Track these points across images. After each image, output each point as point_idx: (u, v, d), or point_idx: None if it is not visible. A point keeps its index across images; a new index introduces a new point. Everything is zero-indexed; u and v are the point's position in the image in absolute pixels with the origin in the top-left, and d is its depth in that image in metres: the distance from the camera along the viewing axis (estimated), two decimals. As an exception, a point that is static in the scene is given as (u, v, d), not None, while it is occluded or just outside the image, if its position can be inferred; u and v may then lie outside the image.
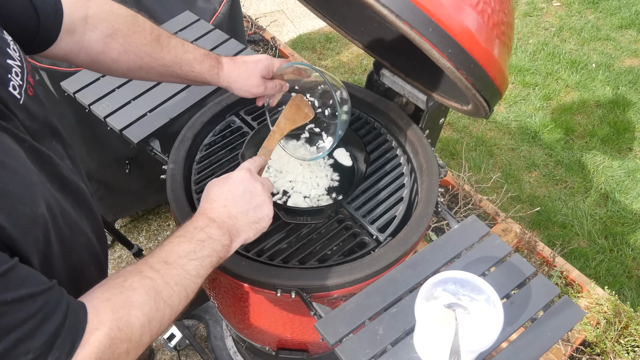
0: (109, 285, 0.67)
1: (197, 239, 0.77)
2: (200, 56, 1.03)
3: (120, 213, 2.36)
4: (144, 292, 0.67)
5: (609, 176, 2.78)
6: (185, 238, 0.77)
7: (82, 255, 0.83)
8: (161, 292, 0.69)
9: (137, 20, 0.98)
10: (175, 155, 1.20)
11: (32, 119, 0.75)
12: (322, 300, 1.03)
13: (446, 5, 0.82)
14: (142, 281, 0.68)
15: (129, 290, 0.66)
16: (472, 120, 3.03)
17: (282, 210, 1.10)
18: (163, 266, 0.72)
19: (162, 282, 0.70)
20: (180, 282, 0.72)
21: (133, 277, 0.68)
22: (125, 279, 0.68)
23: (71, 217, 0.79)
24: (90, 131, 1.86)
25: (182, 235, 0.77)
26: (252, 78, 1.07)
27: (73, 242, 0.79)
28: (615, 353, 1.86)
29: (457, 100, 1.11)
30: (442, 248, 1.01)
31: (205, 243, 0.77)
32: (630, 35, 3.65)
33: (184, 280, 0.73)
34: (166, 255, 0.74)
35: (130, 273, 0.69)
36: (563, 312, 0.94)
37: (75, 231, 0.80)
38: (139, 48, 0.97)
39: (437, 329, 0.81)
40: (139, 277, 0.68)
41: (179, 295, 0.71)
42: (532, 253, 2.14)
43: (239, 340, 1.72)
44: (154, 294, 0.68)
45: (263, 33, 3.11)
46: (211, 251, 0.78)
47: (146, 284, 0.68)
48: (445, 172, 1.24)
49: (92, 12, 0.91)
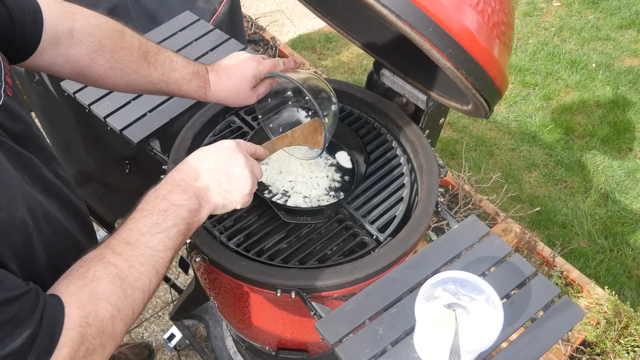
0: (73, 276, 0.64)
1: (159, 209, 0.73)
2: (188, 75, 1.01)
3: (120, 213, 2.36)
4: (109, 282, 0.64)
5: (609, 176, 2.78)
6: (147, 211, 0.73)
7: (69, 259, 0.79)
8: (127, 277, 0.66)
9: (124, 35, 0.95)
10: (175, 155, 1.20)
11: (14, 120, 0.73)
12: (322, 300, 1.03)
13: (446, 5, 0.82)
14: (106, 269, 0.65)
15: (93, 281, 0.63)
16: (472, 120, 3.03)
17: (282, 210, 1.10)
18: (125, 248, 0.68)
19: (127, 266, 0.66)
20: (147, 262, 0.69)
21: (96, 266, 0.65)
22: (88, 268, 0.65)
23: (56, 220, 0.77)
24: (90, 131, 1.86)
25: (143, 209, 0.73)
26: (242, 94, 1.06)
27: (59, 246, 0.77)
28: (615, 353, 1.86)
29: (457, 100, 1.11)
30: (442, 248, 1.01)
31: (169, 212, 0.73)
32: (630, 35, 3.65)
33: (151, 259, 0.69)
34: (128, 234, 0.70)
35: (92, 261, 0.66)
36: (563, 312, 0.94)
37: (60, 234, 0.78)
38: (126, 65, 0.95)
39: (437, 329, 0.81)
40: (102, 265, 0.65)
41: (148, 275, 0.68)
42: (532, 253, 2.14)
43: (239, 340, 1.72)
44: (119, 281, 0.65)
45: (263, 33, 3.11)
46: (177, 219, 0.73)
47: (110, 272, 0.65)
48: (445, 172, 1.24)
49: (78, 25, 0.89)
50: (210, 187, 0.80)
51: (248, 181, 0.84)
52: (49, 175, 0.78)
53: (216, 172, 0.81)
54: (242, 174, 0.83)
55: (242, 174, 0.83)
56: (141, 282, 0.67)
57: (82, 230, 0.86)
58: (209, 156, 0.82)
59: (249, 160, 0.86)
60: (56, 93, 1.74)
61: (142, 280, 0.68)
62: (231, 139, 0.87)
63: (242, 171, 0.83)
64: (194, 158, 0.82)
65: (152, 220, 0.72)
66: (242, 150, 0.86)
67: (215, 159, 0.82)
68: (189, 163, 0.81)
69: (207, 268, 1.14)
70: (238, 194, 0.83)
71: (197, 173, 0.79)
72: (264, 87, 1.10)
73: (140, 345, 2.07)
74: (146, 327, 2.19)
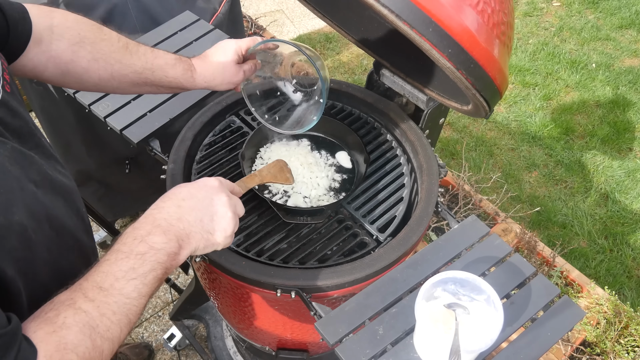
0: (42, 320, 0.61)
1: (137, 252, 0.69)
2: (172, 60, 1.01)
3: (120, 213, 2.36)
4: (78, 330, 0.60)
5: (609, 176, 2.78)
6: (123, 253, 0.68)
7: (71, 259, 0.80)
8: (97, 326, 0.62)
9: (103, 29, 0.95)
10: (175, 155, 1.20)
11: (13, 116, 0.73)
12: (322, 300, 1.03)
13: (446, 5, 0.82)
14: (76, 316, 0.61)
15: (62, 328, 0.60)
16: (472, 120, 3.03)
17: (282, 210, 1.10)
18: (98, 294, 0.64)
19: (98, 315, 0.63)
20: (119, 310, 0.65)
21: (66, 311, 0.61)
22: (58, 312, 0.61)
23: (58, 220, 0.75)
24: (90, 131, 1.86)
25: (119, 250, 0.69)
26: (228, 70, 1.05)
27: (61, 246, 0.76)
28: (615, 353, 1.86)
29: (457, 100, 1.11)
30: (442, 248, 1.01)
31: (146, 256, 0.69)
32: (630, 35, 3.65)
33: (124, 307, 0.65)
34: (102, 278, 0.66)
35: (63, 305, 0.62)
36: (563, 312, 0.94)
37: (63, 234, 0.77)
38: (108, 55, 0.94)
39: (437, 329, 0.81)
40: (72, 311, 0.62)
41: (120, 325, 0.65)
42: (532, 253, 2.14)
43: (239, 340, 1.72)
44: (89, 331, 0.61)
45: (263, 33, 3.11)
46: (154, 264, 0.69)
47: (80, 320, 0.61)
48: (445, 172, 1.24)
49: (57, 21, 0.89)
50: (193, 228, 0.76)
51: (231, 222, 0.81)
52: (51, 172, 0.77)
53: (199, 211, 0.77)
54: (225, 214, 0.80)
55: (226, 214, 0.80)
56: (112, 332, 0.64)
57: (83, 229, 0.86)
58: (191, 194, 0.78)
59: (231, 199, 0.83)
60: (56, 93, 1.74)
61: (112, 330, 0.64)
62: (214, 177, 0.84)
63: (226, 211, 0.80)
64: (175, 195, 0.78)
65: (128, 264, 0.67)
66: (225, 189, 0.83)
67: (198, 198, 0.78)
68: (171, 201, 0.77)
69: (207, 268, 1.14)
70: (220, 235, 0.79)
71: (179, 212, 0.75)
72: (248, 65, 1.09)
73: (140, 345, 2.07)
74: (146, 327, 2.19)
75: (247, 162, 1.21)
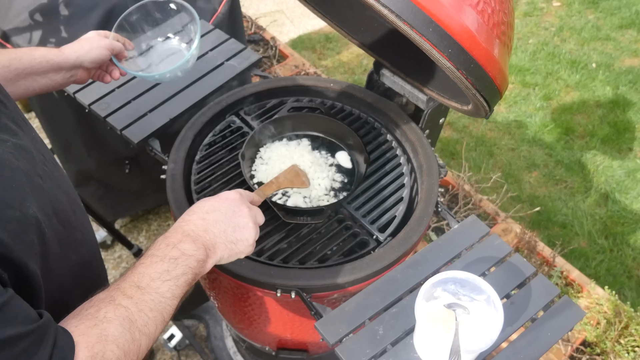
0: (83, 316, 0.64)
1: (170, 256, 0.74)
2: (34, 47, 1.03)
3: (120, 213, 2.36)
4: (119, 324, 0.64)
5: (609, 176, 2.78)
6: (158, 257, 0.73)
7: (80, 252, 0.82)
8: (136, 321, 0.66)
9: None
10: (175, 155, 1.20)
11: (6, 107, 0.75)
12: (322, 300, 1.03)
13: (446, 5, 0.82)
14: (116, 311, 0.65)
15: (103, 322, 0.63)
16: (472, 120, 3.03)
17: (282, 210, 1.10)
18: (136, 292, 0.69)
19: (137, 310, 0.67)
20: (156, 307, 0.69)
21: (107, 307, 0.65)
22: (99, 308, 0.65)
23: (63, 214, 0.78)
24: (90, 131, 1.86)
25: (153, 255, 0.74)
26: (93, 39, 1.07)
27: (69, 240, 0.78)
28: (616, 353, 1.86)
29: (457, 100, 1.11)
30: (442, 248, 1.01)
31: (179, 260, 0.74)
32: (630, 35, 3.65)
33: (159, 305, 0.70)
34: (139, 278, 0.70)
35: (103, 301, 0.66)
36: (563, 312, 0.94)
37: (69, 228, 0.79)
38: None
39: (437, 329, 0.81)
40: (113, 307, 0.66)
41: (155, 322, 0.69)
42: (532, 253, 2.14)
43: (239, 340, 1.72)
44: (128, 324, 0.65)
45: (263, 33, 3.11)
46: (186, 268, 0.74)
47: (120, 314, 0.65)
48: (445, 172, 1.24)
49: None
50: (218, 239, 0.81)
51: (252, 232, 0.86)
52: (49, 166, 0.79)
53: (223, 223, 0.82)
54: (246, 225, 0.85)
55: (247, 224, 0.85)
56: (149, 327, 0.68)
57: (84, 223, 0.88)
58: (215, 207, 0.83)
59: (252, 210, 0.88)
60: (56, 93, 1.74)
61: (149, 326, 0.68)
62: (234, 190, 0.89)
63: (247, 222, 0.85)
64: (200, 209, 0.83)
65: (163, 267, 0.72)
66: (245, 201, 0.88)
67: (221, 211, 0.83)
68: (196, 214, 0.82)
69: (207, 268, 1.14)
70: (243, 245, 0.84)
71: (205, 225, 0.80)
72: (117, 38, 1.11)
73: (140, 345, 2.07)
74: (146, 327, 2.19)
75: (247, 162, 1.21)
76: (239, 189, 0.91)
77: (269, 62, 2.94)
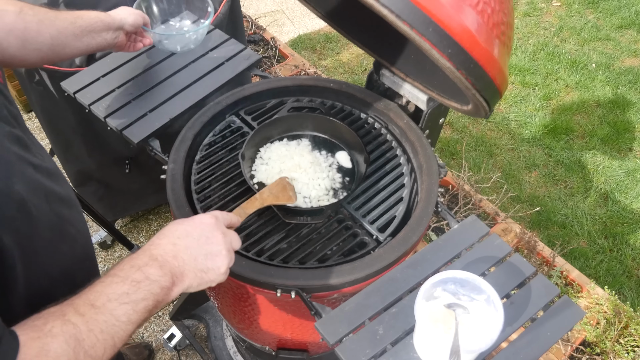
0: (28, 326, 0.61)
1: (133, 279, 0.70)
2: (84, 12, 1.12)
3: (120, 213, 2.36)
4: (63, 341, 0.61)
5: (609, 176, 2.79)
6: (119, 277, 0.70)
7: (73, 247, 0.82)
8: (83, 340, 0.62)
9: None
10: (175, 155, 1.20)
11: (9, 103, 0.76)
12: (322, 300, 1.03)
13: (446, 5, 0.82)
14: (63, 327, 0.62)
15: (47, 336, 0.60)
16: (472, 120, 3.03)
17: (282, 210, 1.10)
18: (89, 310, 0.65)
19: (86, 329, 0.63)
20: (107, 330, 0.65)
21: (55, 321, 0.62)
22: (46, 321, 0.62)
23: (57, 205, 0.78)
24: (90, 131, 1.86)
25: (115, 274, 0.70)
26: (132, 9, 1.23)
27: (63, 232, 0.78)
28: (615, 353, 1.86)
29: (457, 100, 1.11)
30: (442, 248, 1.01)
31: (141, 284, 0.70)
32: (630, 35, 3.65)
33: (112, 328, 0.66)
34: (95, 297, 0.67)
35: (53, 315, 0.63)
36: (563, 312, 0.94)
37: (62, 220, 0.79)
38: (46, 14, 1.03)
39: (437, 329, 0.81)
40: (61, 322, 0.62)
41: (104, 345, 0.65)
42: (532, 253, 2.14)
43: (239, 340, 1.72)
44: (74, 343, 0.61)
45: (263, 33, 3.11)
46: (147, 294, 0.70)
47: (67, 331, 0.62)
48: (445, 172, 1.24)
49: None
50: (187, 266, 0.77)
51: (225, 260, 0.82)
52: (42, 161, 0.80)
53: (194, 250, 0.79)
54: (219, 253, 0.81)
55: (220, 252, 0.81)
56: (96, 349, 0.64)
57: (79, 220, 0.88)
58: (187, 232, 0.80)
59: (227, 236, 0.84)
60: (56, 93, 1.74)
61: (97, 348, 0.64)
62: (210, 213, 0.85)
63: (220, 250, 0.81)
64: (172, 233, 0.80)
65: (123, 288, 0.69)
66: (221, 226, 0.84)
67: (193, 236, 0.80)
68: (167, 238, 0.79)
69: (207, 268, 1.14)
70: (213, 274, 0.81)
71: (175, 250, 0.77)
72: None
73: (140, 345, 2.07)
74: (146, 327, 2.19)
75: (247, 162, 1.21)
76: (216, 211, 0.88)
77: (269, 62, 2.94)
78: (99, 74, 1.37)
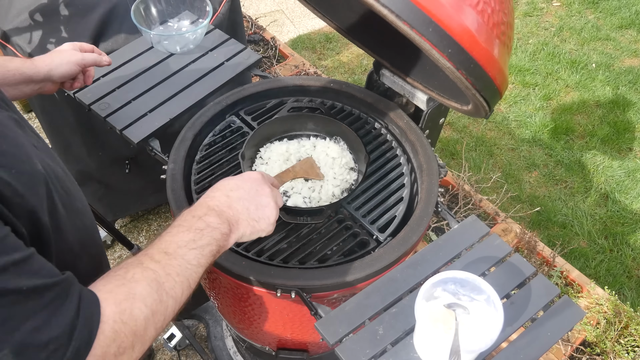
0: (111, 277, 0.66)
1: (196, 227, 0.76)
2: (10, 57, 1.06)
3: (120, 213, 2.36)
4: (147, 284, 0.66)
5: (609, 176, 2.78)
6: (184, 227, 0.76)
7: (83, 220, 0.85)
8: (163, 283, 0.68)
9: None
10: (175, 155, 1.20)
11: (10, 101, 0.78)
12: (322, 300, 1.03)
13: (446, 5, 0.82)
14: (144, 273, 0.67)
15: (131, 282, 0.66)
16: (472, 120, 3.03)
17: (282, 210, 1.10)
18: (163, 257, 0.71)
19: (164, 274, 0.69)
20: (182, 273, 0.71)
21: (135, 269, 0.68)
22: (127, 270, 0.67)
23: (64, 182, 0.81)
24: (90, 131, 1.86)
25: (180, 225, 0.77)
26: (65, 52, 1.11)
27: (72, 207, 0.81)
28: (615, 353, 1.86)
29: (457, 100, 1.11)
30: (442, 248, 1.01)
31: (204, 231, 0.76)
32: (630, 35, 3.65)
33: (186, 271, 0.72)
34: (166, 245, 0.73)
35: (131, 265, 0.69)
36: (563, 312, 0.94)
37: (70, 196, 0.82)
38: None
39: (437, 329, 0.81)
40: (141, 269, 0.68)
41: (182, 286, 0.71)
42: (532, 253, 2.14)
43: (239, 340, 1.72)
44: (156, 285, 0.67)
45: (263, 33, 3.11)
46: (210, 239, 0.77)
47: (148, 276, 0.67)
48: (445, 172, 1.24)
49: None
50: (241, 216, 0.83)
51: (274, 211, 0.88)
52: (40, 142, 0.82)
53: (246, 201, 0.85)
54: (268, 204, 0.87)
55: (269, 203, 0.87)
56: (175, 290, 0.70)
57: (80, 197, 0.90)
58: (238, 186, 0.86)
59: (273, 190, 0.90)
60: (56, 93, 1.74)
61: (176, 289, 0.70)
62: (257, 171, 0.92)
63: (269, 201, 0.87)
64: (224, 187, 0.85)
65: (189, 236, 0.75)
66: (267, 182, 0.90)
67: (244, 189, 0.86)
68: (221, 191, 0.84)
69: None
70: (264, 223, 0.86)
71: (229, 201, 0.83)
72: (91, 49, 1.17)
73: (140, 345, 2.07)
74: (146, 327, 2.19)
75: (247, 162, 1.21)
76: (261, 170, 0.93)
77: (269, 62, 2.94)
78: (99, 74, 1.37)
